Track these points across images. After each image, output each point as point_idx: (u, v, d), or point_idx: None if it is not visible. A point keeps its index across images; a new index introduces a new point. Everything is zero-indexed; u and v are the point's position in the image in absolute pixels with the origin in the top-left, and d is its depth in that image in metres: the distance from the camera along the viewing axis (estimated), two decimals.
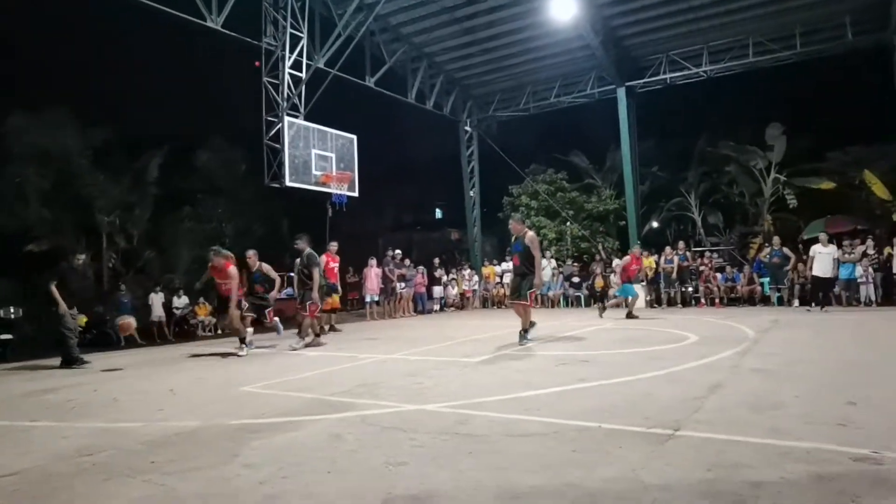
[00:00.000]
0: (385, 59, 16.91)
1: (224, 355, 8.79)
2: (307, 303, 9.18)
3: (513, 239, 8.53)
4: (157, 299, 13.47)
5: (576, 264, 19.49)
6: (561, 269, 18.60)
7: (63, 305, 8.03)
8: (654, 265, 16.22)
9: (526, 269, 8.26)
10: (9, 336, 9.62)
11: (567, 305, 17.84)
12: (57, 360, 8.23)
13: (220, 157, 20.93)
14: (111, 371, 7.51)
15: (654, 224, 26.53)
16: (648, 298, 16.30)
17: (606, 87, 18.92)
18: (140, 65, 22.02)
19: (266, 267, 9.54)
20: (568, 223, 23.53)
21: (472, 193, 22.50)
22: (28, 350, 9.99)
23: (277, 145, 14.03)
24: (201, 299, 14.07)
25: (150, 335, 12.92)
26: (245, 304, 8.96)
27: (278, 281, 9.86)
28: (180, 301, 14.07)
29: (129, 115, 19.36)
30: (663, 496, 2.56)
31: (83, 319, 12.45)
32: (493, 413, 4.22)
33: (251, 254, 9.53)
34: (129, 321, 9.40)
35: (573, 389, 5.02)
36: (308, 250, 9.36)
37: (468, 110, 22.02)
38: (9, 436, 4.35)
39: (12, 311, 10.02)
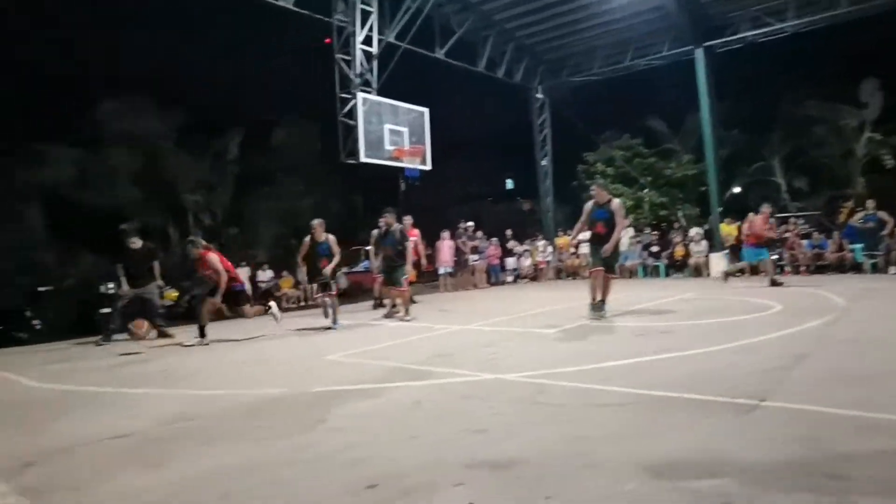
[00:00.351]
0: (454, 29, 16.72)
1: (305, 330, 9.15)
2: (403, 278, 9.00)
3: (589, 206, 8.01)
4: (242, 274, 14.16)
5: (654, 233, 18.85)
6: (639, 239, 18.06)
7: (124, 285, 8.67)
8: (735, 232, 15.48)
9: (610, 238, 7.79)
10: (108, 310, 10.42)
11: (645, 275, 17.35)
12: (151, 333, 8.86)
13: (295, 135, 21.52)
14: (193, 346, 7.72)
15: (736, 189, 25.18)
16: (727, 269, 15.61)
17: (682, 49, 17.91)
18: (217, 47, 22.83)
19: (332, 239, 8.73)
20: (646, 190, 22.73)
21: (544, 163, 22.09)
22: (124, 322, 10.78)
23: (351, 121, 14.26)
24: (285, 272, 14.68)
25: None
26: (218, 297, 7.90)
27: (338, 258, 8.82)
28: (265, 275, 14.73)
29: (208, 97, 20.16)
30: (749, 467, 2.49)
31: (173, 294, 13.31)
32: (570, 383, 4.21)
33: (317, 223, 8.74)
34: (143, 322, 8.83)
35: (652, 360, 4.92)
36: (399, 225, 9.23)
37: (539, 77, 21.50)
38: (118, 401, 4.76)
39: (110, 286, 10.81)
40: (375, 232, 11.03)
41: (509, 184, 40.32)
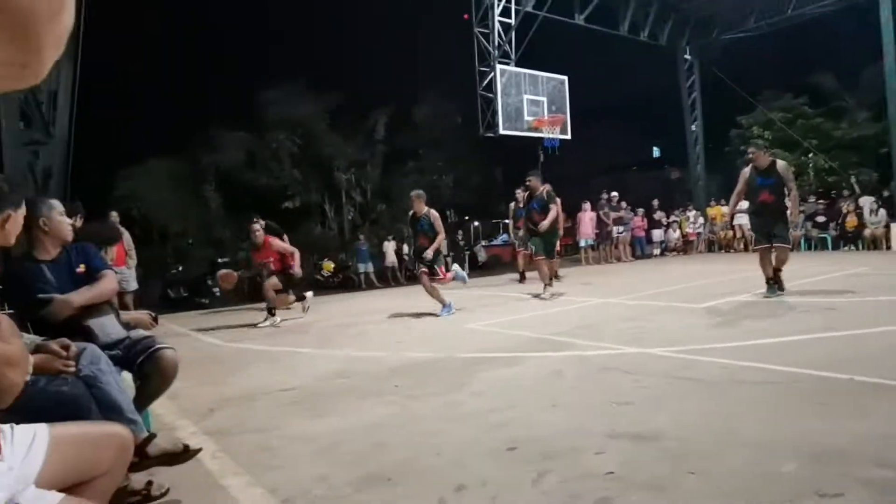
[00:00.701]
0: None
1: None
2: (555, 248, 8.15)
3: (747, 172, 6.89)
4: (389, 247, 14.92)
5: (821, 202, 16.84)
6: (802, 208, 16.27)
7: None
8: None
9: (782, 206, 6.80)
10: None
11: (809, 248, 15.67)
12: (314, 300, 9.60)
13: (437, 111, 21.99)
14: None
15: None
16: None
17: None
18: (363, 31, 23.97)
19: (434, 215, 7.44)
20: (810, 154, 20.32)
21: (693, 128, 20.64)
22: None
23: (490, 94, 14.31)
24: None
25: (385, 279, 14.42)
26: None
27: (441, 236, 7.51)
28: (410, 248, 15.40)
29: (356, 79, 21.31)
30: None
31: (330, 266, 14.38)
32: (721, 359, 3.98)
33: (414, 195, 7.65)
34: (230, 272, 7.99)
35: (815, 338, 4.49)
36: (547, 186, 8.29)
37: (687, 37, 20.00)
38: (285, 359, 5.29)
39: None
40: (513, 204, 10.95)
41: (656, 151, 38.21)
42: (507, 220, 14.61)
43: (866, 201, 14.77)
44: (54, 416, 1.58)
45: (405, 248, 15.31)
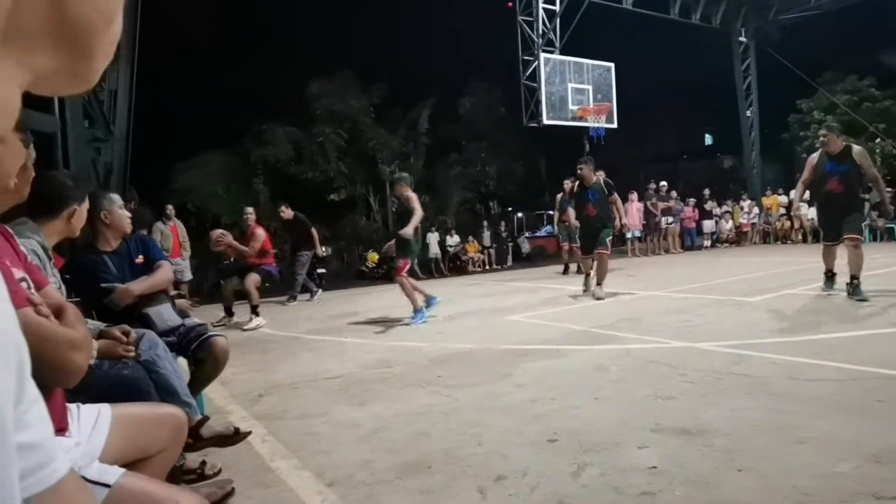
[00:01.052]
0: None
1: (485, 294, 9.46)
2: (608, 239, 7.42)
3: (815, 158, 6.21)
4: (433, 238, 14.98)
5: (888, 189, 16.02)
6: (867, 197, 15.52)
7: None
8: None
9: (854, 199, 6.16)
10: (323, 270, 11.72)
11: (874, 239, 14.96)
12: (358, 290, 9.79)
13: (480, 102, 21.90)
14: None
15: None
16: None
17: None
18: (405, 21, 24.02)
19: (409, 195, 6.63)
20: (878, 140, 19.31)
21: (748, 113, 19.91)
22: (336, 281, 12.10)
23: (534, 84, 14.16)
24: (471, 237, 15.25)
25: (429, 270, 14.51)
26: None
27: (416, 215, 6.78)
28: (453, 240, 15.43)
29: (400, 72, 21.33)
30: None
31: (374, 257, 14.56)
32: (773, 355, 3.86)
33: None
34: (222, 234, 7.11)
35: (879, 334, 4.30)
36: (601, 174, 7.73)
37: (742, 18, 19.26)
38: (332, 348, 5.41)
39: (324, 249, 12.17)
40: (559, 195, 10.79)
41: (708, 139, 37.02)
42: (550, 212, 14.46)
43: None
44: (116, 398, 1.68)
45: (448, 240, 15.37)
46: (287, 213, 9.26)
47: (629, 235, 15.01)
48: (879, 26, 20.92)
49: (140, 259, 2.85)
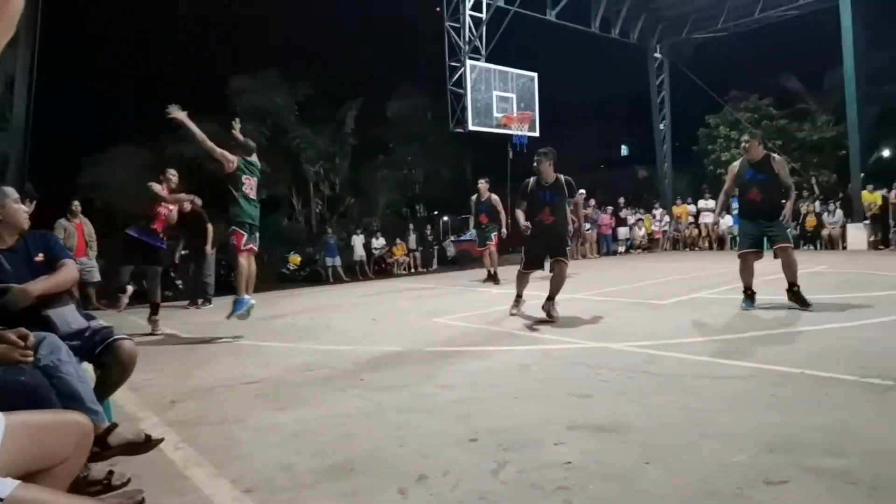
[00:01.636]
0: None
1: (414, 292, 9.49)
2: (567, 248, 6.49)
3: (737, 166, 6.19)
4: (358, 241, 14.85)
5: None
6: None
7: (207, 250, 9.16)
8: (880, 200, 14.03)
9: (774, 207, 5.98)
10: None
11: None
12: (280, 293, 9.55)
13: (408, 105, 21.93)
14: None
15: (884, 153, 22.41)
16: (872, 239, 14.17)
17: None
18: (333, 21, 23.66)
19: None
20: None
21: (661, 126, 20.99)
22: (256, 283, 11.70)
23: (461, 90, 14.32)
24: (398, 240, 15.22)
25: (354, 273, 14.36)
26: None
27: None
28: (378, 242, 15.35)
29: (326, 71, 20.99)
30: (879, 451, 2.32)
31: (297, 259, 14.25)
32: (683, 354, 4.09)
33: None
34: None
35: (776, 334, 4.65)
36: (565, 177, 6.28)
37: (658, 35, 20.30)
38: (251, 352, 5.25)
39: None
40: (474, 197, 10.76)
41: (624, 150, 38.73)
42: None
43: (819, 205, 15.30)
44: (13, 406, 1.55)
45: (374, 243, 15.28)
46: (195, 205, 8.49)
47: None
48: (777, 52, 22.68)
49: (40, 257, 2.65)
